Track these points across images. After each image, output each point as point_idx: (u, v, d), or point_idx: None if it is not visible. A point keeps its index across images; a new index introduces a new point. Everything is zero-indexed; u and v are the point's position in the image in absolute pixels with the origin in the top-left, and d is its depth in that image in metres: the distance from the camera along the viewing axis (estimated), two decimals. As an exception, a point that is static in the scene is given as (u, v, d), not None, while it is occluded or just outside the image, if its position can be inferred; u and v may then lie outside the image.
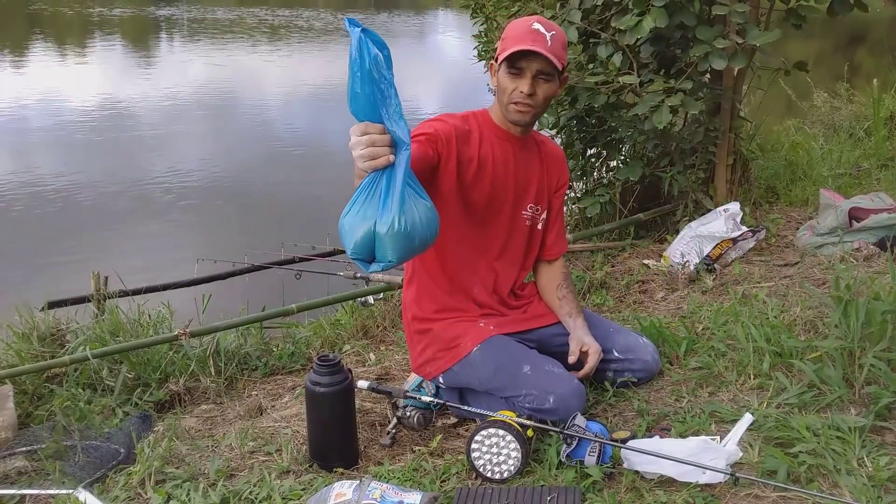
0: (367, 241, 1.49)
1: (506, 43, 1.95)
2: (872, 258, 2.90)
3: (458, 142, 1.96)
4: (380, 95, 1.44)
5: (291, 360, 2.69)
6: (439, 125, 1.94)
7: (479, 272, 2.09)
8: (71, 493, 1.76)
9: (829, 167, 4.42)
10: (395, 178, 1.48)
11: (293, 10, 22.57)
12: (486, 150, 2.01)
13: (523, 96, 1.94)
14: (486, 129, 2.04)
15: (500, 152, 2.03)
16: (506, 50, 1.93)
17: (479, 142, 2.01)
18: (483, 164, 2.00)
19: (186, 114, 9.59)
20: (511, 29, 1.97)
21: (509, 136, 2.05)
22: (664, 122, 2.93)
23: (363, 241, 1.49)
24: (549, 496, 1.58)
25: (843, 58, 8.69)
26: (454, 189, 1.97)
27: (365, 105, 1.45)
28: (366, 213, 1.49)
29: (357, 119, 1.47)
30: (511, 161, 2.05)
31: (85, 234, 5.52)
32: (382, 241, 1.49)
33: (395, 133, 1.47)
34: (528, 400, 1.86)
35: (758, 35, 2.96)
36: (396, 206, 1.47)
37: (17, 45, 15.11)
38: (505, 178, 2.04)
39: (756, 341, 2.14)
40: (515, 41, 1.91)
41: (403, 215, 1.47)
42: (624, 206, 3.60)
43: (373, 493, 1.53)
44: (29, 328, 2.64)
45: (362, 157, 1.46)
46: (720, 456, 1.59)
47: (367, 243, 1.50)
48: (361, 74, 1.41)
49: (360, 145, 1.46)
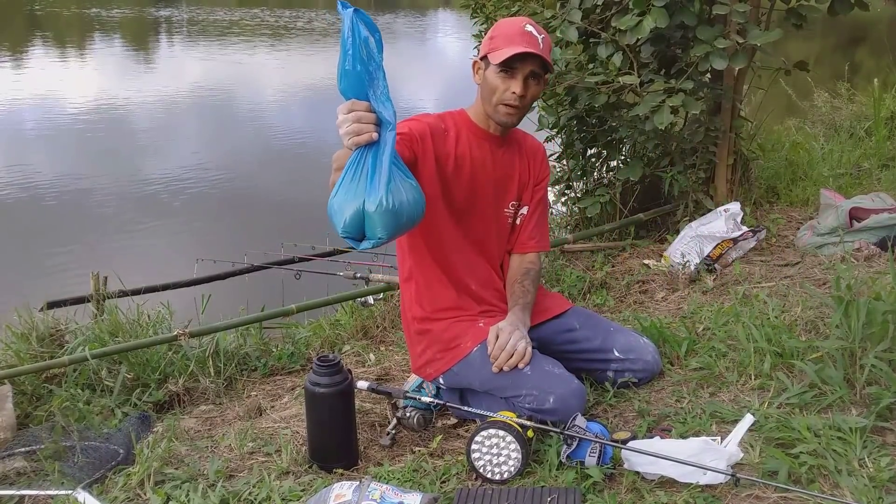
0: (357, 219, 1.54)
1: (496, 42, 1.94)
2: (873, 258, 2.90)
3: (433, 140, 1.95)
4: (367, 76, 1.49)
5: (291, 360, 2.69)
6: (414, 124, 1.94)
7: (473, 266, 2.09)
8: (70, 494, 1.75)
9: (829, 167, 4.42)
10: (380, 158, 1.52)
11: (293, 10, 22.57)
12: (464, 150, 2.01)
13: (515, 97, 1.94)
14: (464, 128, 2.04)
15: (478, 152, 2.03)
16: (497, 49, 1.91)
17: (455, 140, 2.00)
18: (461, 163, 2.00)
19: (186, 114, 9.59)
20: (501, 29, 1.96)
21: (488, 135, 2.04)
22: (665, 122, 2.92)
23: (352, 220, 1.54)
24: (549, 497, 1.58)
25: (844, 57, 8.70)
26: (436, 187, 1.97)
27: (354, 83, 1.49)
28: (354, 192, 1.53)
29: (344, 98, 1.51)
30: (489, 160, 2.04)
31: (84, 234, 5.52)
32: (372, 218, 1.53)
33: (381, 113, 1.51)
34: (528, 400, 1.86)
35: (758, 35, 2.96)
36: (384, 184, 1.52)
37: (17, 46, 15.10)
38: (484, 177, 2.04)
39: (757, 341, 2.14)
40: (508, 42, 1.90)
41: (391, 194, 1.52)
42: (624, 206, 3.59)
43: (372, 494, 1.53)
44: (28, 328, 2.64)
45: (347, 134, 1.51)
46: (721, 457, 1.58)
47: (357, 222, 1.54)
48: (352, 53, 1.46)
49: (345, 122, 1.51)
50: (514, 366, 1.88)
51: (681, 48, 3.26)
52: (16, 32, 17.48)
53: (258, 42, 16.25)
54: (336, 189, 1.56)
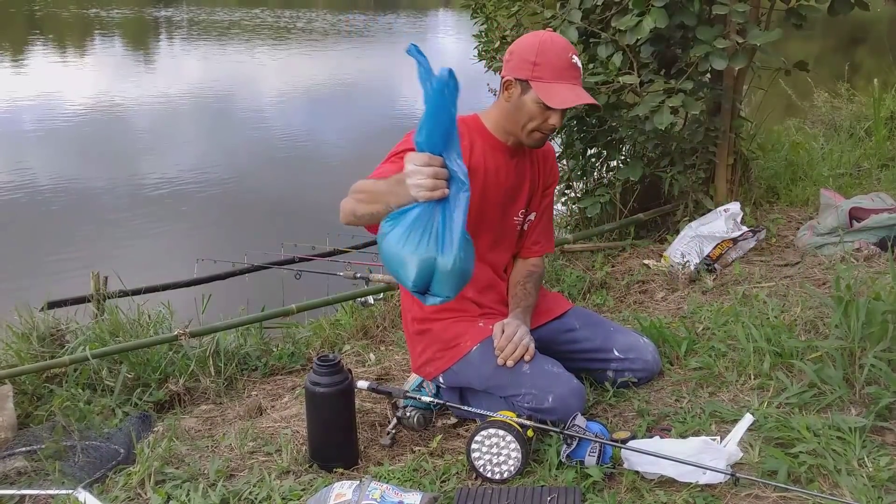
0: (426, 274, 1.53)
1: (542, 71, 1.88)
2: (873, 258, 2.90)
3: None
4: (447, 133, 1.48)
5: (291, 360, 2.69)
6: None
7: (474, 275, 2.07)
8: (70, 494, 1.76)
9: (829, 167, 4.42)
10: (452, 216, 1.52)
11: (293, 10, 22.56)
12: (478, 160, 1.98)
13: (551, 128, 1.93)
14: (479, 136, 2.01)
15: (492, 162, 2.01)
16: (542, 80, 1.87)
17: (470, 150, 1.97)
18: (474, 174, 1.95)
19: (187, 114, 9.60)
20: (548, 56, 1.89)
21: (503, 145, 2.02)
22: (665, 123, 2.92)
23: (421, 274, 1.53)
24: (549, 496, 1.58)
25: (844, 57, 8.69)
26: None
27: (434, 138, 1.48)
28: (425, 247, 1.52)
29: (418, 149, 1.50)
30: (503, 170, 2.03)
31: (85, 234, 5.52)
32: (443, 277, 1.53)
33: (455, 172, 1.50)
34: (527, 399, 1.86)
35: (758, 35, 2.96)
36: (457, 244, 1.51)
37: (17, 47, 15.11)
38: (497, 187, 2.02)
39: (756, 341, 2.14)
40: (556, 76, 1.87)
41: (463, 254, 1.52)
42: (624, 206, 3.59)
43: (373, 494, 1.53)
44: (29, 328, 2.64)
45: (420, 187, 1.49)
46: (720, 456, 1.59)
47: (426, 276, 1.54)
48: (436, 109, 1.44)
49: (420, 174, 1.49)
50: (520, 358, 1.88)
51: (681, 48, 3.26)
52: (15, 33, 17.48)
53: (259, 43, 16.25)
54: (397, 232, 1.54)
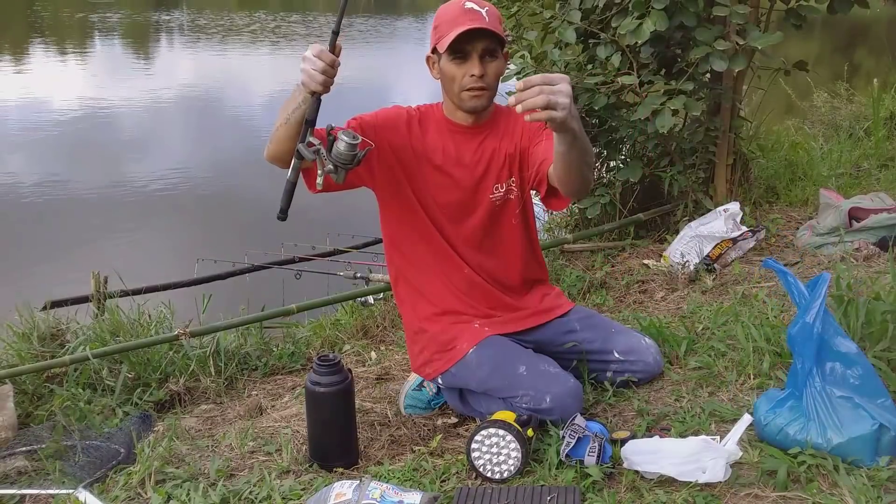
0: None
1: (441, 30, 1.86)
2: (872, 258, 2.90)
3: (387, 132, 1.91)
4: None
5: (291, 360, 2.69)
6: (367, 116, 1.92)
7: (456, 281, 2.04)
8: (71, 493, 1.76)
9: (829, 167, 4.42)
10: None
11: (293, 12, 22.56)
12: (435, 143, 1.95)
13: (475, 80, 1.86)
14: (436, 122, 1.98)
15: (452, 146, 1.97)
16: (444, 36, 1.83)
17: (424, 131, 1.95)
18: (431, 155, 1.95)
19: (187, 114, 9.59)
20: (442, 15, 1.88)
21: (461, 127, 1.98)
22: (667, 126, 2.91)
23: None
24: (548, 496, 1.58)
25: (843, 58, 8.68)
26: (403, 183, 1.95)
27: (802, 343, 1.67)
28: None
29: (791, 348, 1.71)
30: (465, 153, 1.98)
31: (86, 233, 5.52)
32: None
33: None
34: (525, 400, 1.85)
35: (758, 37, 2.96)
36: None
37: (16, 47, 15.10)
38: (461, 173, 1.98)
39: (756, 341, 2.14)
40: (452, 25, 1.82)
41: None
42: (624, 206, 3.59)
43: (373, 493, 1.53)
44: (29, 328, 2.64)
45: (305, 73, 1.69)
46: (720, 456, 1.59)
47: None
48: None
49: (310, 62, 1.66)
50: (532, 108, 1.51)
51: (681, 49, 3.26)
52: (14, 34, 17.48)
53: (259, 44, 16.25)
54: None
